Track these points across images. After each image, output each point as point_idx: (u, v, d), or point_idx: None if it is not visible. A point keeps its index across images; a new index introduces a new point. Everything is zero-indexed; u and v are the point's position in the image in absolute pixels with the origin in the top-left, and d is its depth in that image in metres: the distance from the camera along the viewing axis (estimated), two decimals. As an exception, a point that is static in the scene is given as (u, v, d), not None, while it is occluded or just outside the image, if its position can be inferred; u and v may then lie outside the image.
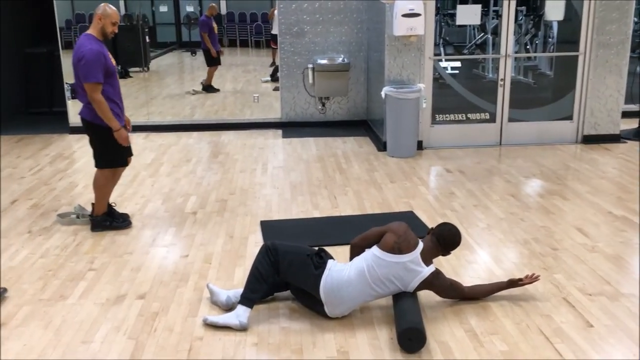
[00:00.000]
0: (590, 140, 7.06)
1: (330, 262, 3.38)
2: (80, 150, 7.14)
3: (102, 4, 4.43)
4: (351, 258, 3.49)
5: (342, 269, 3.34)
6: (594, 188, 5.50)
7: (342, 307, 3.32)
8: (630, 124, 7.38)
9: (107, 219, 4.70)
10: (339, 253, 3.90)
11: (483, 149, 6.93)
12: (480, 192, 5.44)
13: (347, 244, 4.14)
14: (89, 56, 4.28)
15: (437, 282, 3.34)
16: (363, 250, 3.44)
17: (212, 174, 6.12)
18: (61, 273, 3.98)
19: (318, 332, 3.26)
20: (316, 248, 3.49)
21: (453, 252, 3.51)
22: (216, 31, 10.36)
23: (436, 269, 3.35)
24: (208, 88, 9.97)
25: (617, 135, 7.08)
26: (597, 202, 5.14)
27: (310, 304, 3.41)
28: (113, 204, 4.85)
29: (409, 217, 4.79)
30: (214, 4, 10.43)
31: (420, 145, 6.84)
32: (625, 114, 7.19)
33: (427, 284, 3.32)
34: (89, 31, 4.43)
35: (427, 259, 3.32)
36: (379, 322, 3.34)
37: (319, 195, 5.43)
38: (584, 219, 4.78)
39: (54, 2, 7.91)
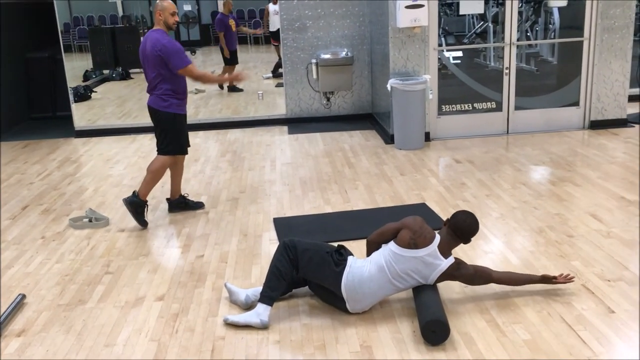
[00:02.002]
0: (597, 125, 7.04)
1: (350, 258, 3.38)
2: (87, 154, 7.14)
3: (157, 1, 4.66)
4: (368, 254, 3.48)
5: (362, 265, 3.34)
6: (604, 173, 5.49)
7: (363, 302, 3.32)
8: (637, 108, 7.39)
9: (144, 207, 4.82)
10: (353, 248, 3.89)
11: (490, 138, 6.92)
12: (491, 181, 5.44)
13: (362, 238, 4.15)
14: (173, 46, 4.62)
15: (458, 273, 3.33)
16: (379, 246, 3.43)
17: (221, 173, 6.11)
18: (78, 277, 3.98)
19: (340, 327, 3.26)
20: (335, 244, 3.48)
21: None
22: (234, 29, 10.11)
23: (456, 260, 3.34)
24: (232, 88, 9.84)
25: (624, 119, 7.07)
26: (609, 187, 5.13)
27: (331, 300, 3.41)
28: (186, 194, 5.17)
29: (422, 210, 4.79)
30: (229, 0, 10.21)
31: (427, 137, 6.83)
32: (631, 98, 7.19)
33: (447, 275, 3.31)
34: (156, 27, 4.69)
35: (445, 251, 3.31)
36: (400, 316, 3.34)
37: (329, 191, 5.43)
38: (597, 204, 4.77)
39: (55, 6, 7.89)
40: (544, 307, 3.34)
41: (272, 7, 10.74)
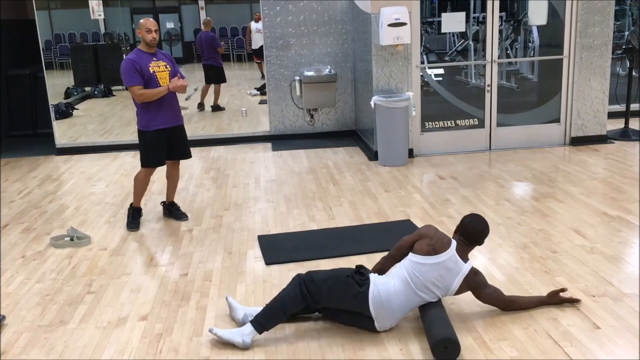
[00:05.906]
0: (578, 141, 7.14)
1: (372, 276, 3.35)
2: (68, 172, 7.06)
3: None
4: (385, 271, 3.49)
5: (386, 281, 3.31)
6: (586, 189, 5.54)
7: (392, 318, 3.28)
8: (616, 125, 7.50)
9: (133, 214, 5.12)
10: (340, 265, 3.87)
11: (473, 154, 6.97)
12: (474, 197, 5.46)
13: (347, 255, 4.15)
14: (122, 66, 4.77)
15: (477, 279, 3.34)
16: (398, 262, 3.44)
17: (204, 190, 6.07)
18: (59, 297, 3.91)
19: (327, 347, 3.22)
20: (354, 266, 3.44)
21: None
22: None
23: (473, 266, 3.35)
24: (216, 108, 9.77)
25: (604, 136, 7.17)
26: (591, 203, 5.18)
27: (356, 321, 3.32)
28: (163, 203, 5.42)
29: (407, 226, 4.79)
30: (209, 18, 10.28)
31: (411, 153, 6.86)
32: (611, 115, 7.31)
33: (468, 281, 3.31)
34: (139, 45, 4.88)
35: (462, 256, 3.33)
36: (388, 336, 3.31)
37: (314, 208, 5.41)
38: (580, 220, 4.81)
39: (37, 23, 7.84)
40: (530, 323, 3.34)
41: (254, 25, 10.79)
